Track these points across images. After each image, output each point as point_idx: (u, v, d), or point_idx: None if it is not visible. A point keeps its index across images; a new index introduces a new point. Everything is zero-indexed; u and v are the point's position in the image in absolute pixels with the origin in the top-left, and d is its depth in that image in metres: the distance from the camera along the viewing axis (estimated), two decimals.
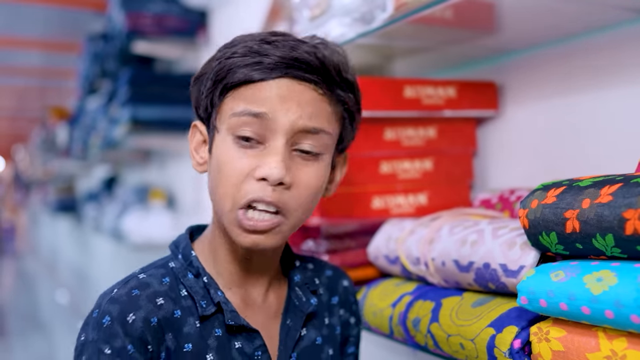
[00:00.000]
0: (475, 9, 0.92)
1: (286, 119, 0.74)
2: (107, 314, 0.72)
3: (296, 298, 0.85)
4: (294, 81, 0.75)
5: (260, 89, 0.74)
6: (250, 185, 0.73)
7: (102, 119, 3.16)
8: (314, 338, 0.86)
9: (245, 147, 0.74)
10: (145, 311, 0.73)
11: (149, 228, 2.80)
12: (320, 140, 0.77)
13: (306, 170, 0.76)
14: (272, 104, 0.74)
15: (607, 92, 0.98)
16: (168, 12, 2.52)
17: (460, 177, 1.18)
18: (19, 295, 8.06)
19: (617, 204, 0.62)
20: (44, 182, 7.82)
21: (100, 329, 0.71)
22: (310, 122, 0.75)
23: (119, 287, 0.75)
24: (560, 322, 0.69)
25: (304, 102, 0.75)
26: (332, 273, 0.95)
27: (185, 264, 0.79)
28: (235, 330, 0.78)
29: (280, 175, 0.72)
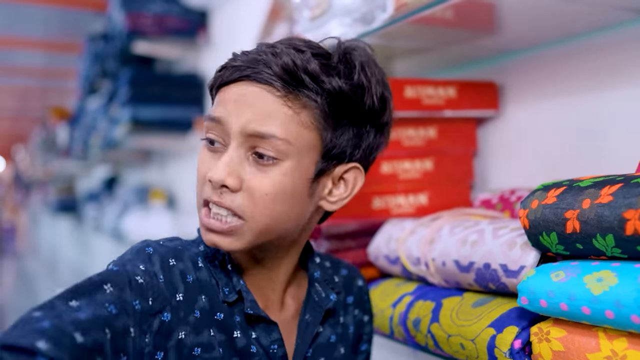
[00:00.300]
0: (475, 9, 0.92)
1: (237, 122, 0.73)
2: (152, 247, 0.74)
3: (316, 294, 0.85)
4: (252, 83, 0.74)
5: (223, 93, 0.76)
6: (205, 186, 0.75)
7: (102, 119, 3.16)
8: (329, 336, 0.87)
9: (211, 151, 0.76)
10: (184, 265, 0.75)
11: (149, 228, 2.80)
12: (274, 145, 0.73)
13: (260, 175, 0.73)
14: (227, 108, 0.74)
15: (608, 92, 0.98)
16: (168, 12, 2.53)
17: (460, 177, 1.18)
18: (19, 295, 8.05)
19: (617, 204, 0.62)
20: (45, 182, 7.82)
21: (141, 253, 0.73)
22: (260, 127, 0.72)
23: (165, 241, 0.78)
24: (561, 322, 0.69)
25: (258, 105, 0.73)
26: (347, 272, 0.95)
27: (213, 250, 0.80)
28: (253, 320, 0.78)
29: (219, 178, 0.72)
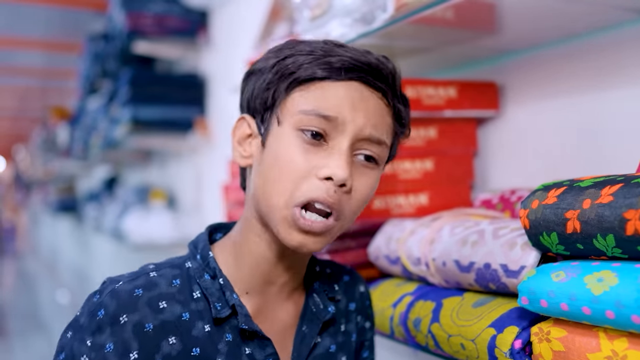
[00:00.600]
0: (475, 9, 0.92)
1: (354, 124, 0.73)
2: (104, 307, 0.71)
3: (314, 305, 0.84)
4: (364, 87, 0.75)
5: (330, 89, 0.74)
6: (311, 183, 0.72)
7: (102, 119, 3.16)
8: (328, 346, 0.85)
9: (310, 144, 0.73)
10: (140, 315, 0.71)
11: (150, 228, 2.79)
12: (380, 150, 0.76)
13: (364, 177, 0.76)
14: (342, 108, 0.73)
15: (608, 92, 0.98)
16: (169, 12, 2.53)
17: (461, 178, 1.18)
18: (20, 295, 8.06)
19: (617, 204, 0.62)
20: (45, 182, 7.83)
21: (92, 318, 0.71)
22: (375, 132, 0.75)
23: (126, 280, 0.74)
24: (561, 322, 0.69)
25: (372, 111, 0.75)
26: (349, 278, 0.93)
27: (203, 265, 0.78)
28: (247, 336, 0.76)
29: (345, 176, 0.71)
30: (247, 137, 0.81)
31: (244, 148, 0.81)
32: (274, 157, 0.74)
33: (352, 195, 0.74)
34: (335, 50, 0.75)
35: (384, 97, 0.77)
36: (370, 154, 0.76)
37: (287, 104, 0.75)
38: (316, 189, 0.72)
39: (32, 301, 7.54)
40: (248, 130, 0.80)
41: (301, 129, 0.73)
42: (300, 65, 0.74)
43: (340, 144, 0.73)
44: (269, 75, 0.77)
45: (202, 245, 0.80)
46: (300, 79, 0.74)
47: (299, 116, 0.73)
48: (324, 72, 0.74)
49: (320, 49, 0.75)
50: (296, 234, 0.73)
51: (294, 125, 0.74)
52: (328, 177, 0.72)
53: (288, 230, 0.73)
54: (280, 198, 0.73)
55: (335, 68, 0.73)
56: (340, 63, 0.74)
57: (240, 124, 0.81)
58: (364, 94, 0.75)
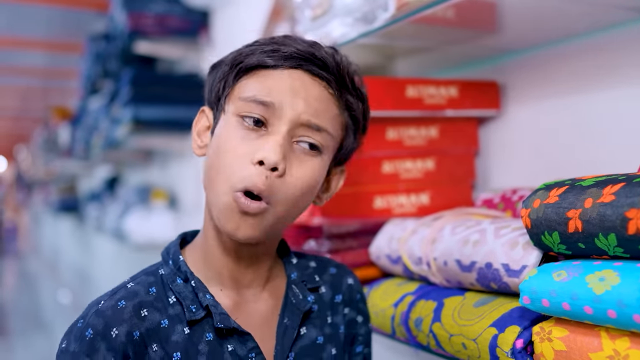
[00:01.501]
0: (477, 8, 0.92)
1: (292, 110, 0.74)
2: (91, 327, 0.72)
3: (293, 296, 0.84)
4: (307, 75, 0.76)
5: (272, 77, 0.75)
6: (247, 169, 0.73)
7: (104, 119, 3.16)
8: (315, 337, 0.85)
9: (250, 130, 0.75)
10: (128, 325, 0.73)
11: (151, 228, 2.80)
12: (322, 138, 0.77)
13: (302, 164, 0.76)
14: (281, 94, 0.74)
15: (610, 91, 0.98)
16: (170, 12, 2.52)
17: (462, 177, 1.18)
18: (21, 295, 8.06)
19: (619, 203, 0.61)
20: (46, 182, 7.84)
21: (82, 341, 0.71)
22: (314, 119, 0.76)
23: (106, 298, 0.75)
24: (563, 321, 0.69)
25: (312, 98, 0.76)
26: (336, 271, 0.93)
27: (175, 269, 0.79)
28: (226, 333, 0.77)
29: (276, 159, 0.72)
30: (206, 129, 0.83)
31: (201, 139, 0.83)
32: (217, 144, 0.76)
33: (286, 180, 0.74)
34: (286, 41, 0.77)
35: (328, 87, 0.78)
36: (312, 142, 0.76)
37: (234, 92, 0.78)
38: (250, 174, 0.72)
39: (34, 301, 7.55)
40: (207, 123, 0.83)
41: (242, 116, 0.75)
42: (249, 54, 0.77)
43: (277, 129, 0.74)
44: (224, 67, 0.80)
45: (173, 250, 0.82)
46: (246, 66, 0.77)
47: (240, 103, 0.76)
48: (269, 60, 0.76)
49: (273, 41, 0.78)
50: (234, 219, 0.73)
51: (235, 112, 0.76)
52: (260, 160, 0.72)
53: (228, 217, 0.74)
54: (222, 184, 0.74)
55: (280, 56, 0.76)
56: (285, 51, 0.76)
57: (200, 116, 0.84)
58: (305, 81, 0.76)
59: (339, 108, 0.79)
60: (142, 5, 2.50)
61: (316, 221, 1.06)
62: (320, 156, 0.78)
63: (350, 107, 0.81)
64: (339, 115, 0.79)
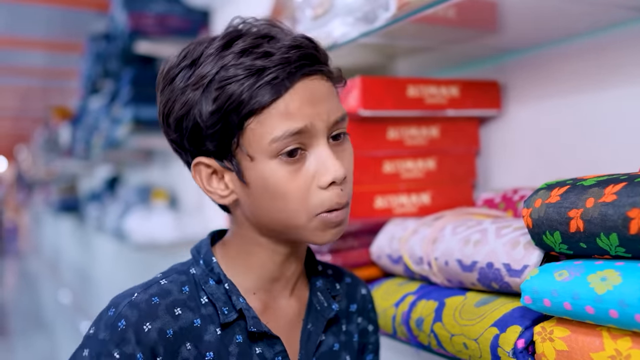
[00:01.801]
0: (478, 8, 0.92)
1: (321, 122, 0.73)
2: (124, 317, 0.71)
3: (318, 303, 0.84)
4: (307, 79, 0.73)
5: (284, 104, 0.71)
6: (320, 195, 0.73)
7: (104, 119, 3.16)
8: (332, 344, 0.85)
9: (293, 164, 0.72)
10: (162, 322, 0.72)
11: (152, 228, 2.79)
12: (345, 123, 0.78)
13: (344, 154, 0.77)
14: (304, 113, 0.71)
15: (611, 91, 0.98)
16: (170, 12, 2.52)
17: (463, 177, 1.18)
18: (22, 295, 8.07)
19: (621, 203, 0.61)
20: (47, 182, 7.83)
21: (114, 330, 0.70)
22: (338, 113, 0.76)
23: (140, 291, 0.74)
24: (564, 321, 0.69)
25: (325, 99, 0.75)
26: (350, 280, 0.93)
27: (207, 270, 0.78)
28: (256, 336, 0.77)
29: (344, 172, 0.73)
30: (211, 176, 0.77)
31: (218, 187, 0.77)
32: (268, 191, 0.73)
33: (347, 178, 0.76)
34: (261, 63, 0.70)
35: (323, 75, 0.76)
36: (339, 132, 0.76)
37: (247, 137, 0.72)
38: (327, 198, 0.73)
39: (34, 301, 7.55)
40: (209, 170, 0.76)
41: (278, 155, 0.72)
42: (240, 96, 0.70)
43: (320, 146, 0.73)
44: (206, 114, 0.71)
45: (205, 250, 0.80)
46: (252, 111, 0.70)
47: (274, 145, 0.71)
48: (271, 95, 0.70)
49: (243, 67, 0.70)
50: (328, 233, 0.75)
51: (269, 155, 0.72)
52: (332, 182, 0.73)
53: (321, 234, 0.75)
54: (298, 217, 0.74)
55: (278, 83, 0.70)
56: (281, 76, 0.70)
57: (198, 169, 0.76)
58: (310, 87, 0.73)
59: (333, 85, 0.78)
60: (142, 5, 2.50)
61: None
62: (346, 136, 0.79)
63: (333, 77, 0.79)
64: (336, 92, 0.79)
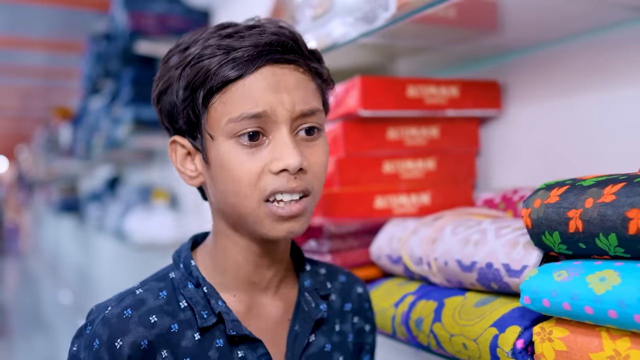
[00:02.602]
0: (477, 8, 0.92)
1: (283, 109, 0.73)
2: (97, 337, 0.72)
3: (305, 303, 0.83)
4: (276, 67, 0.74)
5: (247, 86, 0.72)
6: (270, 180, 0.72)
7: (105, 119, 3.17)
8: (323, 345, 0.84)
9: (250, 146, 0.73)
10: (134, 335, 0.72)
11: (152, 228, 2.79)
12: (317, 118, 0.77)
13: (314, 150, 0.76)
14: (266, 99, 0.72)
15: (611, 91, 0.98)
16: (171, 12, 2.52)
17: (463, 177, 1.18)
18: (22, 295, 8.07)
19: (620, 203, 0.61)
20: (47, 182, 7.84)
21: (90, 350, 0.72)
22: (305, 106, 0.75)
23: (113, 304, 0.75)
24: (563, 322, 0.69)
25: (293, 87, 0.74)
26: (345, 279, 0.93)
27: (186, 274, 0.78)
28: (237, 340, 0.76)
29: (299, 162, 0.72)
30: (186, 156, 0.80)
31: (188, 169, 0.80)
32: (222, 171, 0.74)
33: (310, 172, 0.75)
34: (233, 44, 0.73)
35: (297, 67, 0.76)
36: (310, 126, 0.76)
37: (211, 116, 0.74)
38: (277, 184, 0.72)
39: (35, 301, 7.56)
40: (184, 150, 0.79)
41: (237, 136, 0.73)
42: (208, 71, 0.72)
43: (280, 134, 0.73)
44: (180, 90, 0.74)
45: (185, 254, 0.81)
46: (214, 87, 0.73)
47: (230, 125, 0.72)
48: (235, 72, 0.72)
49: (218, 47, 0.73)
50: (280, 224, 0.74)
51: (228, 135, 0.73)
52: (283, 169, 0.72)
53: (272, 225, 0.74)
54: (248, 204, 0.73)
55: (243, 62, 0.72)
56: (246, 55, 0.72)
57: (174, 147, 0.80)
58: (278, 74, 0.73)
59: (312, 81, 0.77)
60: (142, 5, 2.50)
61: (317, 221, 1.06)
62: (321, 134, 0.78)
63: (318, 73, 0.79)
64: (315, 88, 0.78)
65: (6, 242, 14.33)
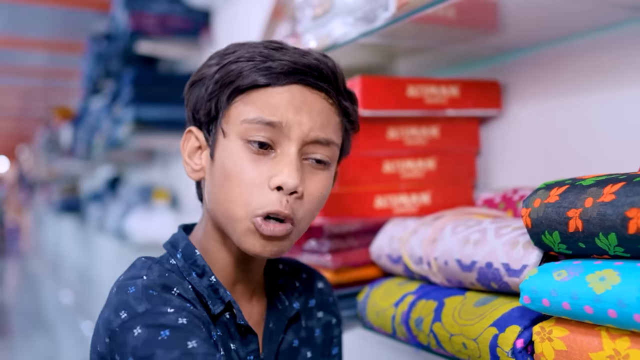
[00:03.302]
0: (477, 7, 0.92)
1: (299, 129, 0.73)
2: (151, 288, 0.69)
3: (279, 302, 0.85)
4: (306, 89, 0.74)
5: (272, 95, 0.73)
6: (265, 195, 0.72)
7: (105, 119, 3.17)
8: (291, 341, 0.85)
9: (257, 154, 0.73)
10: (181, 289, 0.72)
11: (153, 228, 2.80)
12: (330, 151, 0.76)
13: (315, 179, 0.76)
14: (285, 113, 0.72)
15: (611, 91, 0.98)
16: (171, 12, 2.53)
17: (463, 177, 1.18)
18: (23, 295, 8.07)
19: (620, 202, 0.61)
20: (48, 182, 7.84)
21: (150, 297, 0.68)
22: (321, 134, 0.75)
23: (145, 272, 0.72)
24: (563, 321, 0.69)
25: (316, 113, 0.74)
26: (306, 275, 0.93)
27: (188, 263, 0.78)
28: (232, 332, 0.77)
29: (295, 184, 0.71)
30: (196, 150, 0.80)
31: (194, 162, 0.80)
32: (224, 170, 0.74)
33: (305, 200, 0.75)
34: (274, 54, 0.74)
35: (327, 97, 0.76)
36: (319, 157, 0.76)
37: (231, 114, 0.74)
38: (271, 201, 0.72)
39: (36, 301, 7.56)
40: (197, 143, 0.80)
41: (248, 140, 0.73)
42: (240, 72, 0.73)
43: (288, 151, 0.73)
44: (211, 84, 0.76)
45: (184, 244, 0.80)
46: (242, 87, 0.73)
47: (244, 126, 0.73)
48: (265, 79, 0.73)
49: (259, 54, 0.74)
50: (258, 241, 0.73)
51: (239, 136, 0.73)
52: (278, 186, 0.72)
53: (250, 239, 0.73)
54: (238, 210, 0.73)
55: (276, 73, 0.73)
56: (280, 67, 0.73)
57: (188, 137, 0.81)
58: (306, 96, 0.74)
59: (338, 115, 0.78)
60: (143, 5, 2.51)
61: (317, 221, 1.06)
62: (329, 168, 0.78)
63: (347, 112, 0.79)
64: (339, 123, 0.78)
65: (7, 242, 14.34)
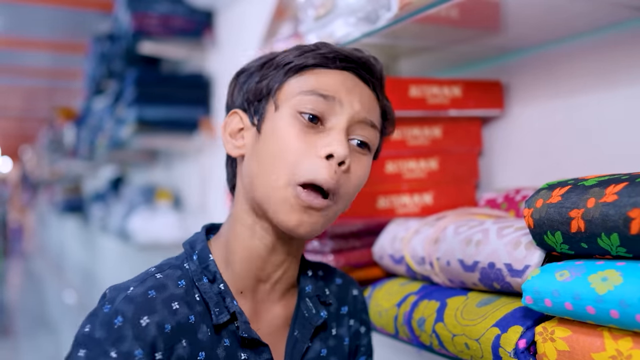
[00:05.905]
0: (480, 8, 0.92)
1: (350, 106, 0.76)
2: (120, 314, 0.68)
3: (306, 309, 0.83)
4: (357, 78, 0.79)
5: (327, 74, 0.77)
6: (312, 162, 0.73)
7: (108, 119, 3.17)
8: (319, 350, 0.84)
9: (307, 126, 0.74)
10: (160, 316, 0.69)
11: (156, 228, 2.80)
12: (372, 135, 0.79)
13: (359, 161, 0.78)
14: (339, 91, 0.76)
15: (613, 91, 0.98)
16: (174, 13, 2.53)
17: (465, 177, 1.18)
18: (27, 295, 8.09)
19: (622, 203, 0.61)
20: (51, 183, 7.86)
21: (110, 328, 0.67)
22: (369, 115, 0.78)
23: (135, 285, 0.71)
24: (566, 321, 0.69)
25: (365, 98, 0.78)
26: (341, 281, 0.92)
27: (201, 267, 0.76)
28: (244, 342, 0.75)
29: (345, 154, 0.73)
30: (239, 131, 0.82)
31: (236, 140, 0.82)
32: (272, 140, 0.75)
33: (349, 176, 0.76)
34: (326, 45, 0.79)
35: (374, 91, 0.81)
36: (364, 139, 0.78)
37: (284, 90, 0.77)
38: (318, 168, 0.72)
39: (39, 301, 7.57)
40: (240, 124, 0.81)
41: (299, 112, 0.75)
42: (297, 55, 0.78)
43: (339, 124, 0.75)
44: (262, 71, 0.80)
45: (201, 246, 0.79)
46: (296, 67, 0.77)
47: (298, 97, 0.75)
48: (317, 60, 0.77)
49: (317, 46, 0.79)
50: (294, 213, 0.73)
51: (292, 108, 0.75)
52: (329, 154, 0.73)
53: (288, 211, 0.73)
54: (280, 179, 0.73)
55: (328, 57, 0.77)
56: (333, 54, 0.78)
57: (232, 118, 0.82)
58: (357, 82, 0.79)
59: (379, 110, 0.82)
60: (146, 5, 2.51)
61: None
62: (369, 155, 0.80)
63: (385, 111, 0.84)
64: (380, 115, 0.82)
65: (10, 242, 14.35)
